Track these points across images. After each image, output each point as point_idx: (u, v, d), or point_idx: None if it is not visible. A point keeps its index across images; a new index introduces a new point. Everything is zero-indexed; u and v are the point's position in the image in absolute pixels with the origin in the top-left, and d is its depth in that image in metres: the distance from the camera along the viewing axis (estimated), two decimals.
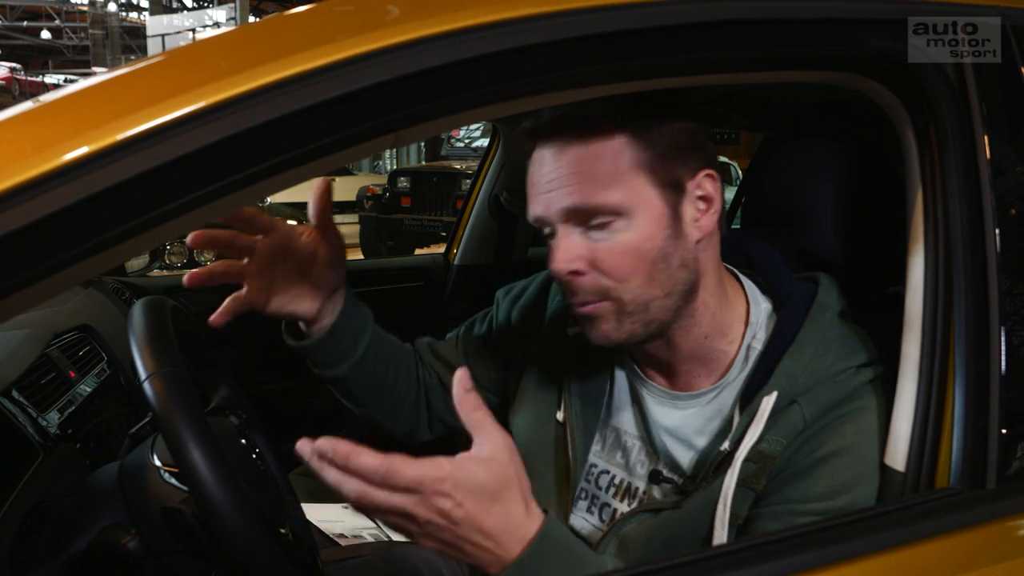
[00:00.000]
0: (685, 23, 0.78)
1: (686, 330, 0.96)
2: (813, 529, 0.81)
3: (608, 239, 0.89)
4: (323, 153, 0.70)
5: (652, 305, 0.91)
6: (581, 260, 0.90)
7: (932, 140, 0.90)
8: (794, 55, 0.88)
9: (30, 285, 0.61)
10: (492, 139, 2.42)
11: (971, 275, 0.85)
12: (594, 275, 0.90)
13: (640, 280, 0.90)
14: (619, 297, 0.90)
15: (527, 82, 0.75)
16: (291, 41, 0.70)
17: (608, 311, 0.91)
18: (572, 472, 1.05)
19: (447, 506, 0.72)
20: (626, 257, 0.89)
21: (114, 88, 0.68)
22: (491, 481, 0.74)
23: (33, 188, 0.58)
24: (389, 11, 0.74)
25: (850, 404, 0.90)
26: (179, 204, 0.65)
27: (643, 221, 0.89)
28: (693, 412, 0.99)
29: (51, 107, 0.66)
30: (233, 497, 0.81)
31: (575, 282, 0.91)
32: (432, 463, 0.72)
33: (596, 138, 0.89)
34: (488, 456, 0.75)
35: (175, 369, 0.87)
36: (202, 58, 0.71)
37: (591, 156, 0.89)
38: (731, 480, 0.89)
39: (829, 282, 1.00)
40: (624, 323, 0.92)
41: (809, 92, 1.31)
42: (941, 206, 0.88)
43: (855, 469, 0.88)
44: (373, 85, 0.68)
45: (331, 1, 0.77)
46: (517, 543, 0.76)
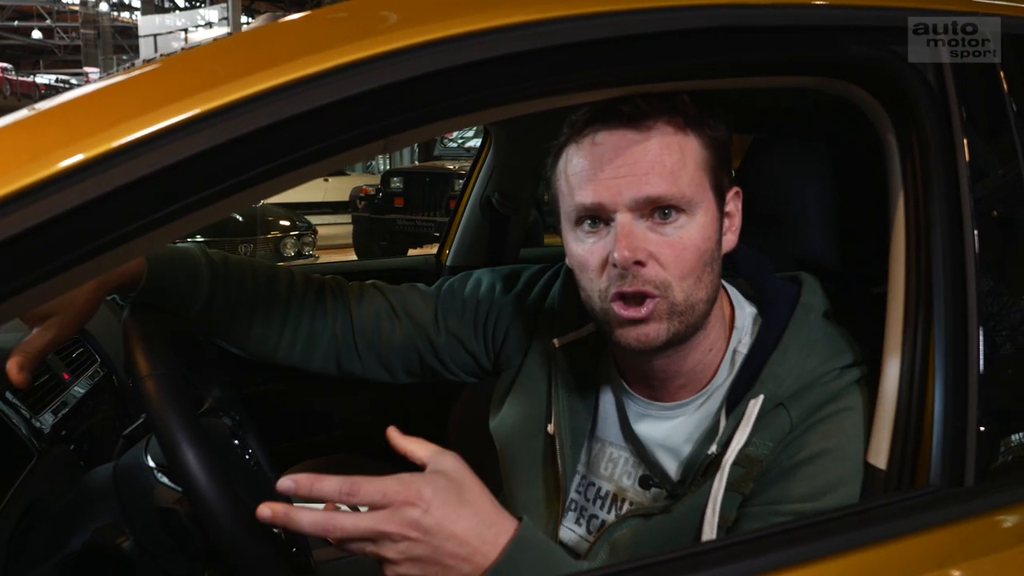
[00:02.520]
0: (670, 30, 0.80)
1: (699, 340, 0.96)
2: (793, 526, 0.82)
3: (673, 233, 0.89)
4: (318, 158, 0.71)
5: (697, 308, 0.91)
6: (645, 251, 0.88)
7: (913, 143, 0.91)
8: (777, 61, 0.90)
9: (26, 291, 0.62)
10: (484, 141, 2.42)
11: (950, 276, 0.87)
12: (654, 267, 0.89)
13: (693, 280, 0.90)
14: (673, 294, 0.89)
15: (517, 88, 0.76)
16: (286, 48, 0.71)
17: (661, 312, 0.89)
18: (561, 484, 1.05)
19: (416, 515, 0.73)
20: (688, 253, 0.89)
21: (110, 95, 0.69)
22: (452, 483, 0.76)
23: (30, 195, 0.59)
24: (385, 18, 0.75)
25: (835, 405, 0.91)
26: (176, 209, 0.66)
27: (703, 220, 0.90)
28: (681, 421, 0.99)
29: (48, 114, 0.67)
30: (226, 497, 0.82)
31: (636, 273, 0.88)
32: (393, 477, 0.74)
33: (673, 129, 0.90)
34: (443, 467, 0.78)
35: (169, 371, 0.88)
36: (198, 64, 0.72)
37: (667, 147, 0.89)
38: (720, 484, 0.90)
39: (812, 282, 1.01)
40: (673, 323, 0.90)
41: (795, 96, 1.33)
42: (922, 208, 0.90)
43: (839, 470, 0.89)
44: (367, 91, 0.69)
45: (325, 9, 0.78)
46: (492, 548, 0.76)
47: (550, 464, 1.07)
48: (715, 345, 0.98)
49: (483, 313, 1.16)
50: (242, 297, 1.07)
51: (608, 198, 0.88)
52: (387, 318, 1.16)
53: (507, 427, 1.13)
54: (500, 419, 1.15)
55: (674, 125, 0.90)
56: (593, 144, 0.90)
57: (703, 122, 0.92)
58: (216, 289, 1.05)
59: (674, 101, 0.90)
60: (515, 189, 2.36)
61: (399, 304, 1.17)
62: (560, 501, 1.05)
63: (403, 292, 1.19)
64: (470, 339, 1.17)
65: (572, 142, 0.93)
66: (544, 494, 1.07)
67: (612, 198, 0.88)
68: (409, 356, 1.17)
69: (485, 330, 1.16)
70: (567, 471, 1.05)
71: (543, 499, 1.07)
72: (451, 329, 1.16)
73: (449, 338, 1.16)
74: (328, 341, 1.13)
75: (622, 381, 1.04)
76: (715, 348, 0.98)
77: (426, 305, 1.18)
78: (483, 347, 1.17)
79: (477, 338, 1.17)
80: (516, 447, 1.11)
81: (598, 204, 0.89)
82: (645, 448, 1.01)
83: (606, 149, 0.89)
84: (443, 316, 1.17)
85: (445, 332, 1.16)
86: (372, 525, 0.73)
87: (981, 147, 0.92)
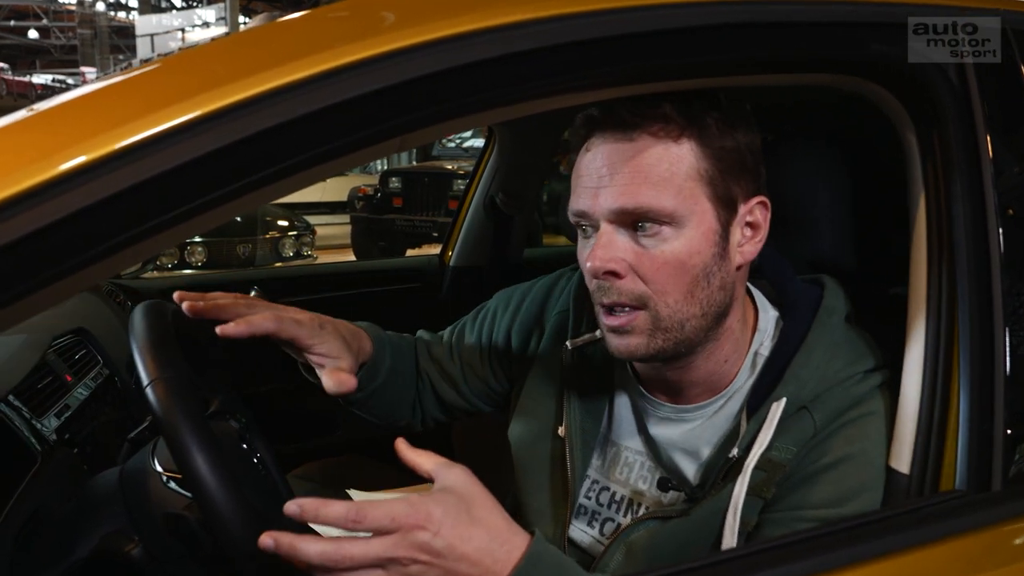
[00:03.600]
0: (685, 27, 0.78)
1: (709, 353, 0.94)
2: (817, 534, 0.81)
3: (654, 246, 0.86)
4: (328, 158, 0.70)
5: (687, 324, 0.88)
6: (621, 262, 0.86)
7: (935, 142, 0.90)
8: (794, 58, 0.88)
9: (30, 295, 0.60)
10: (488, 140, 2.41)
11: (974, 276, 0.85)
12: (632, 279, 0.87)
13: (679, 295, 0.87)
14: (655, 309, 0.87)
15: (534, 86, 0.75)
16: (291, 46, 0.69)
17: (642, 325, 0.88)
18: (570, 487, 1.03)
19: (426, 538, 0.71)
20: (669, 267, 0.86)
21: (113, 95, 0.68)
22: (462, 501, 0.74)
23: (32, 198, 0.57)
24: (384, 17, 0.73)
25: (858, 409, 0.89)
26: (184, 210, 0.64)
27: (693, 234, 0.86)
28: (699, 424, 0.97)
29: (49, 115, 0.66)
30: (238, 503, 0.80)
31: (611, 284, 0.87)
32: (400, 500, 0.72)
33: (661, 139, 0.86)
34: (451, 484, 0.76)
35: (177, 374, 0.87)
36: (204, 63, 0.71)
37: (652, 157, 0.86)
38: (741, 488, 0.88)
39: (834, 285, 1.00)
40: (656, 339, 0.88)
41: (807, 94, 1.31)
42: (944, 208, 0.89)
43: (862, 475, 0.88)
44: (378, 89, 0.68)
45: (325, 8, 0.76)
46: (505, 566, 0.74)
47: (559, 467, 1.05)
48: (731, 355, 0.96)
49: (488, 334, 1.21)
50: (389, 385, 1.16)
51: (589, 206, 0.88)
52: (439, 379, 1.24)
53: (518, 432, 1.12)
54: (513, 425, 1.14)
55: (666, 134, 0.86)
56: (587, 150, 0.90)
57: (706, 131, 0.88)
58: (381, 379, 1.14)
59: (667, 109, 0.86)
60: (520, 189, 2.36)
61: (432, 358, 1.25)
62: (568, 505, 1.03)
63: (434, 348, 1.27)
64: (478, 365, 1.22)
65: (578, 146, 0.93)
66: (551, 498, 1.05)
67: (592, 207, 0.88)
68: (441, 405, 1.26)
69: (493, 350, 1.21)
70: (576, 474, 1.03)
71: (550, 503, 1.05)
72: (463, 358, 1.23)
73: (463, 367, 1.23)
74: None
75: (638, 384, 1.03)
76: (732, 357, 0.96)
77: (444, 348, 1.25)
78: (491, 369, 1.22)
79: (483, 361, 1.22)
80: (526, 451, 1.10)
81: (582, 211, 0.89)
82: (663, 451, 0.99)
83: (596, 155, 0.88)
84: (457, 348, 1.24)
85: (459, 362, 1.23)
86: (382, 551, 0.70)
87: (1004, 145, 0.90)
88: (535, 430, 1.09)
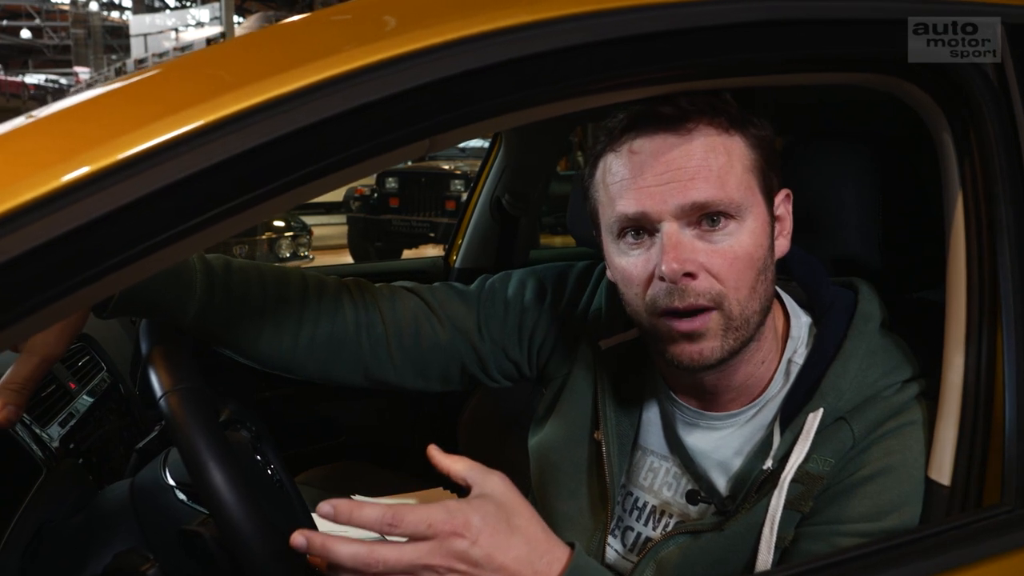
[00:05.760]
0: (719, 24, 0.76)
1: (752, 354, 0.91)
2: (856, 555, 0.78)
3: (723, 241, 0.84)
4: (355, 161, 0.67)
5: (752, 320, 0.86)
6: (695, 262, 0.83)
7: (972, 143, 0.87)
8: (829, 57, 0.85)
9: (37, 311, 0.57)
10: (493, 142, 2.39)
11: (1019, 279, 0.83)
12: (706, 278, 0.84)
13: (747, 291, 0.85)
14: (728, 307, 0.84)
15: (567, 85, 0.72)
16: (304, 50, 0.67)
17: (715, 327, 0.84)
18: (609, 493, 0.99)
19: (463, 547, 0.69)
20: (740, 262, 0.84)
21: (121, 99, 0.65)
22: (501, 510, 0.72)
23: (34, 211, 0.54)
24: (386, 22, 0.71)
25: (897, 420, 0.87)
26: (200, 221, 0.62)
27: (754, 226, 0.85)
28: (730, 432, 0.94)
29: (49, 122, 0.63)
30: (257, 519, 0.78)
31: (686, 286, 0.83)
32: (438, 505, 0.70)
33: (716, 131, 0.85)
34: (490, 491, 0.73)
35: (192, 385, 0.84)
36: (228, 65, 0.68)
37: (713, 150, 0.84)
38: (779, 502, 0.85)
39: (869, 290, 0.97)
40: (728, 340, 0.85)
41: (832, 94, 1.29)
42: (984, 210, 0.86)
43: (902, 488, 0.85)
44: (406, 90, 0.65)
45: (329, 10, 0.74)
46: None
47: (596, 472, 1.02)
48: (767, 357, 0.93)
49: (529, 323, 1.09)
50: (247, 302, 0.97)
51: (652, 206, 0.83)
52: (426, 321, 1.06)
53: (550, 436, 1.07)
54: (544, 431, 1.09)
55: (717, 126, 0.85)
56: (632, 151, 0.86)
57: (748, 121, 0.87)
58: (213, 296, 0.94)
59: (716, 100, 0.86)
60: (526, 189, 2.34)
61: (438, 306, 1.08)
62: (608, 511, 0.99)
63: (441, 293, 1.10)
64: (513, 348, 1.10)
65: (610, 150, 0.88)
66: (589, 504, 1.02)
67: (656, 206, 0.83)
68: (450, 362, 1.09)
69: (531, 341, 1.10)
70: (614, 479, 1.00)
71: (587, 509, 1.02)
72: (494, 336, 1.08)
73: (493, 345, 1.09)
74: (353, 347, 1.03)
75: (668, 390, 0.99)
76: (768, 360, 0.93)
77: (467, 308, 1.09)
78: (526, 357, 1.11)
79: (521, 347, 1.10)
80: (559, 454, 1.05)
81: (641, 213, 0.84)
82: (692, 460, 0.96)
83: (647, 155, 0.84)
84: (485, 321, 1.08)
85: (488, 339, 1.08)
86: (416, 558, 0.68)
87: None
88: (569, 434, 1.05)
